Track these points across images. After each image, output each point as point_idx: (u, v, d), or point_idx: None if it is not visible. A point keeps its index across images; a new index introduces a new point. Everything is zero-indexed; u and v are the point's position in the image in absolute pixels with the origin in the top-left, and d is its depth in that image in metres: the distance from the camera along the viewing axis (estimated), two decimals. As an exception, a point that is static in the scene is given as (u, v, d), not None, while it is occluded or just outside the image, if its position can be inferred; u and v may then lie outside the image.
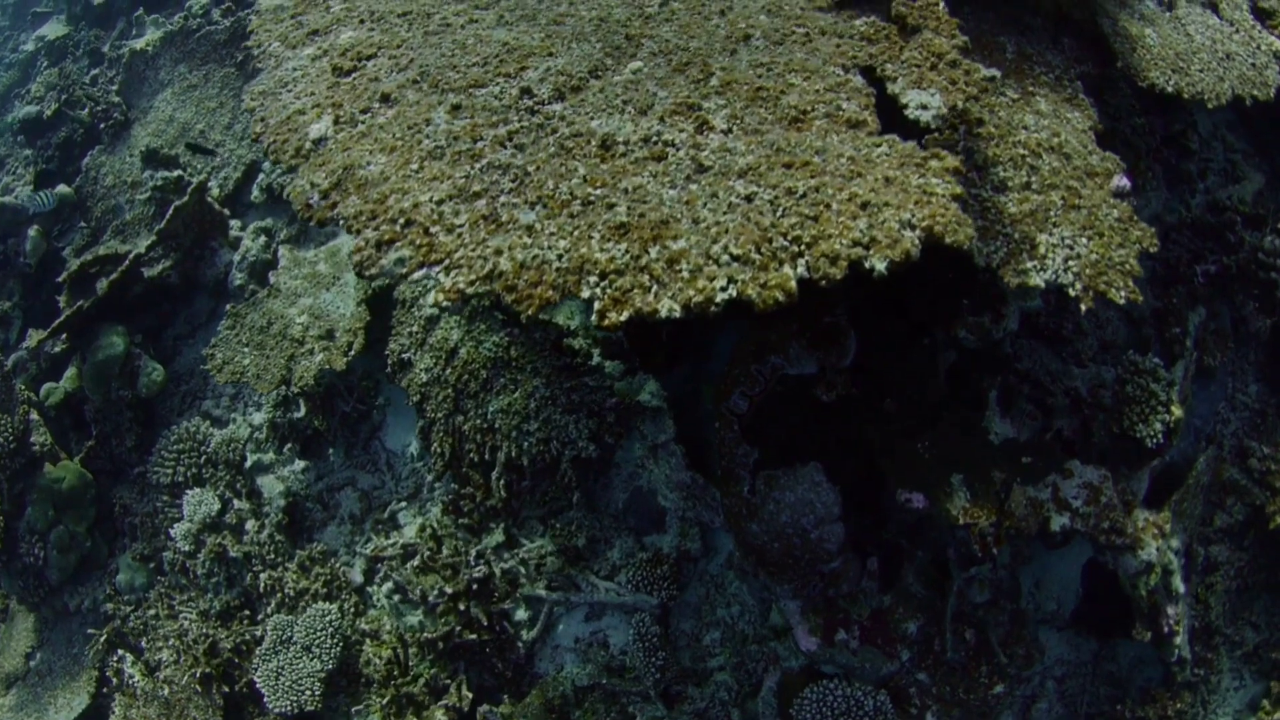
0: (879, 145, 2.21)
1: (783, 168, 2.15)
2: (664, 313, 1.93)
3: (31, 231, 5.69)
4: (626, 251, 2.06)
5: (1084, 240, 2.51)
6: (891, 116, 2.42)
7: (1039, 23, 3.13)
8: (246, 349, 4.70)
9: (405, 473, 4.78)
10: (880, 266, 1.94)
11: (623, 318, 1.94)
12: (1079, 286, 2.43)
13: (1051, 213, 2.53)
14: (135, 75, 6.23)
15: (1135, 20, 3.31)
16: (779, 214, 2.04)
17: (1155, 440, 3.26)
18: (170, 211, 5.15)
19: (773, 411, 3.16)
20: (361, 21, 3.10)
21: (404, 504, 4.71)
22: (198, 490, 5.02)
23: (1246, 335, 4.12)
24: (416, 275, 2.17)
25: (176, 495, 5.09)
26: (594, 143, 2.32)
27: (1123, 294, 2.44)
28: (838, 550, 3.25)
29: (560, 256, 2.08)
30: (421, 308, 4.52)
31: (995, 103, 2.74)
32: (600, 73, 2.60)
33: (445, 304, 2.12)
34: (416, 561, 4.42)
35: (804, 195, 2.07)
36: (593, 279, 2.03)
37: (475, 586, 4.19)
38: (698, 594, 4.06)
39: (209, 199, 5.33)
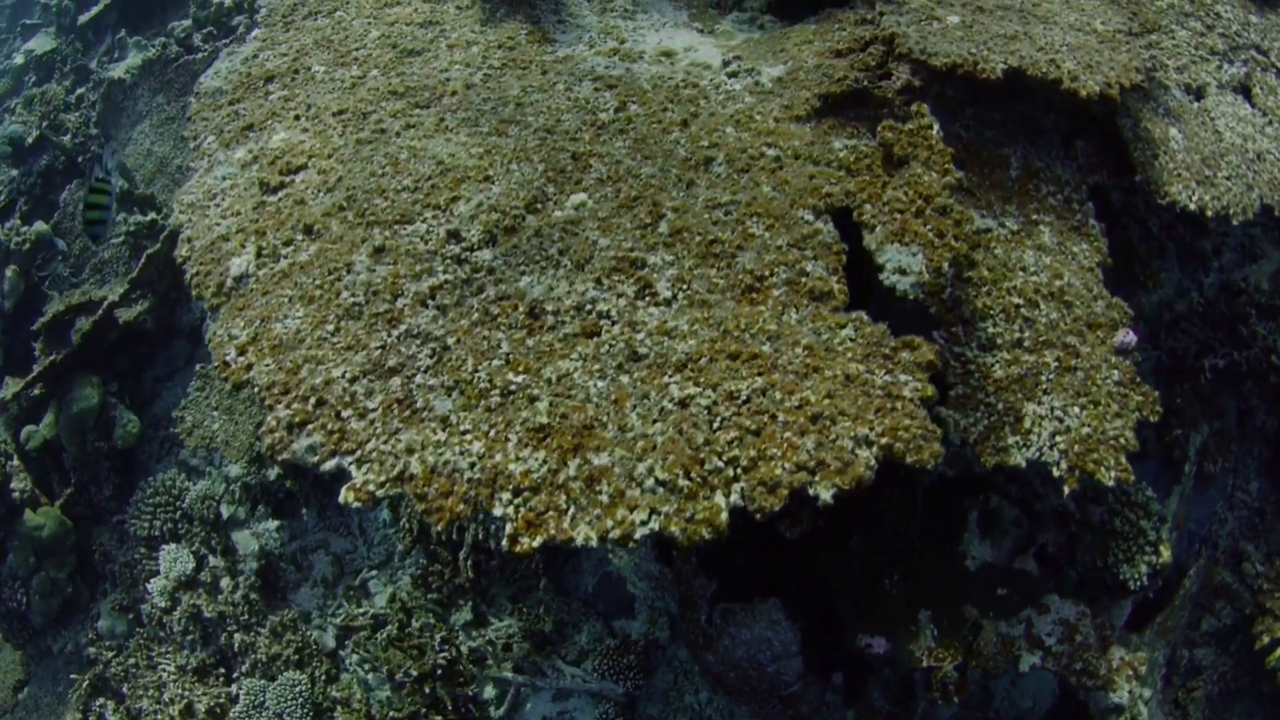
0: (843, 327, 1.94)
1: (727, 359, 1.90)
2: (580, 541, 1.72)
3: (9, 271, 5.59)
4: (544, 463, 1.84)
5: (1076, 410, 2.23)
6: (867, 261, 2.15)
7: (1051, 121, 2.79)
8: (216, 413, 4.58)
9: (377, 539, 4.68)
10: (826, 495, 1.71)
11: (535, 543, 1.74)
12: (1064, 466, 2.17)
13: (1043, 377, 2.25)
14: (113, 106, 6.04)
15: (1160, 117, 2.95)
16: (715, 426, 1.81)
17: (1139, 583, 3.01)
18: (143, 259, 5.00)
19: (733, 543, 2.95)
20: (297, 118, 2.86)
21: (375, 572, 4.61)
22: (173, 546, 4.96)
23: (1251, 429, 3.83)
24: (328, 465, 1.98)
25: (153, 548, 5.05)
26: (521, 308, 2.08)
27: (1112, 474, 2.17)
28: (796, 679, 3.07)
29: (473, 465, 1.87)
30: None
31: (992, 237, 2.44)
32: (540, 205, 2.34)
33: (356, 504, 1.93)
34: (385, 634, 4.34)
35: (747, 400, 1.83)
36: (506, 495, 1.82)
37: (440, 671, 4.09)
38: (666, 680, 3.96)
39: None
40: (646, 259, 2.13)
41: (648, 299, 2.06)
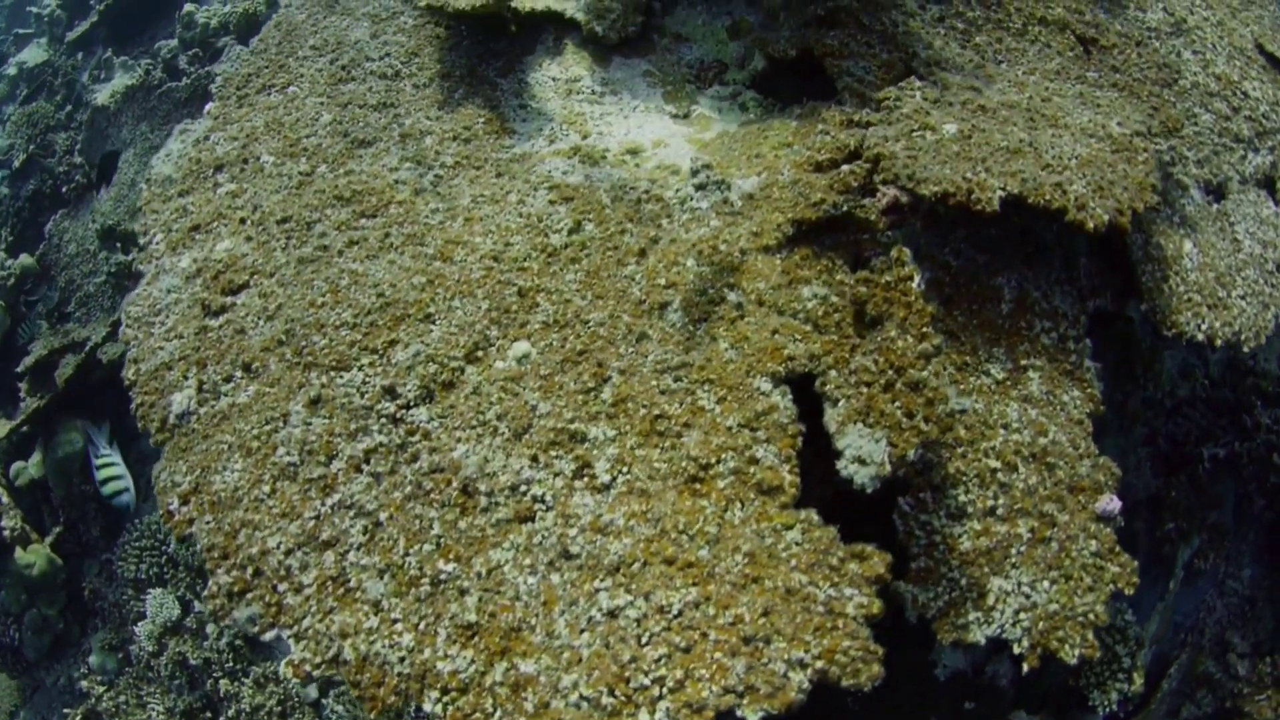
0: (790, 528, 1.81)
1: (662, 563, 1.78)
2: (500, 761, 1.65)
3: (-5, 305, 5.56)
4: (472, 663, 1.76)
5: (1046, 585, 2.09)
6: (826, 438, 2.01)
7: (1053, 236, 2.57)
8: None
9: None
10: (753, 719, 1.60)
11: (456, 758, 1.67)
12: (1026, 644, 2.04)
13: (1014, 549, 2.11)
14: (98, 133, 5.92)
15: (1174, 229, 2.72)
16: (644, 642, 1.70)
17: (1108, 709, 2.89)
18: (124, 301, 4.93)
19: None
20: (243, 221, 2.74)
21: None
22: (159, 591, 5.00)
23: (1247, 514, 3.67)
24: (268, 636, 1.93)
25: (141, 590, 5.09)
26: (455, 484, 1.97)
27: (1076, 651, 2.04)
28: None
29: (403, 659, 1.81)
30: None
31: (975, 385, 2.27)
32: (481, 353, 2.21)
33: (296, 681, 1.89)
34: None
35: (679, 614, 1.71)
36: (435, 693, 1.76)
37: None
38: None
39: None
40: (587, 431, 2.00)
41: (585, 480, 1.93)
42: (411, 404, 2.14)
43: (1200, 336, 2.53)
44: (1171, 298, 2.57)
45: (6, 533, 5.21)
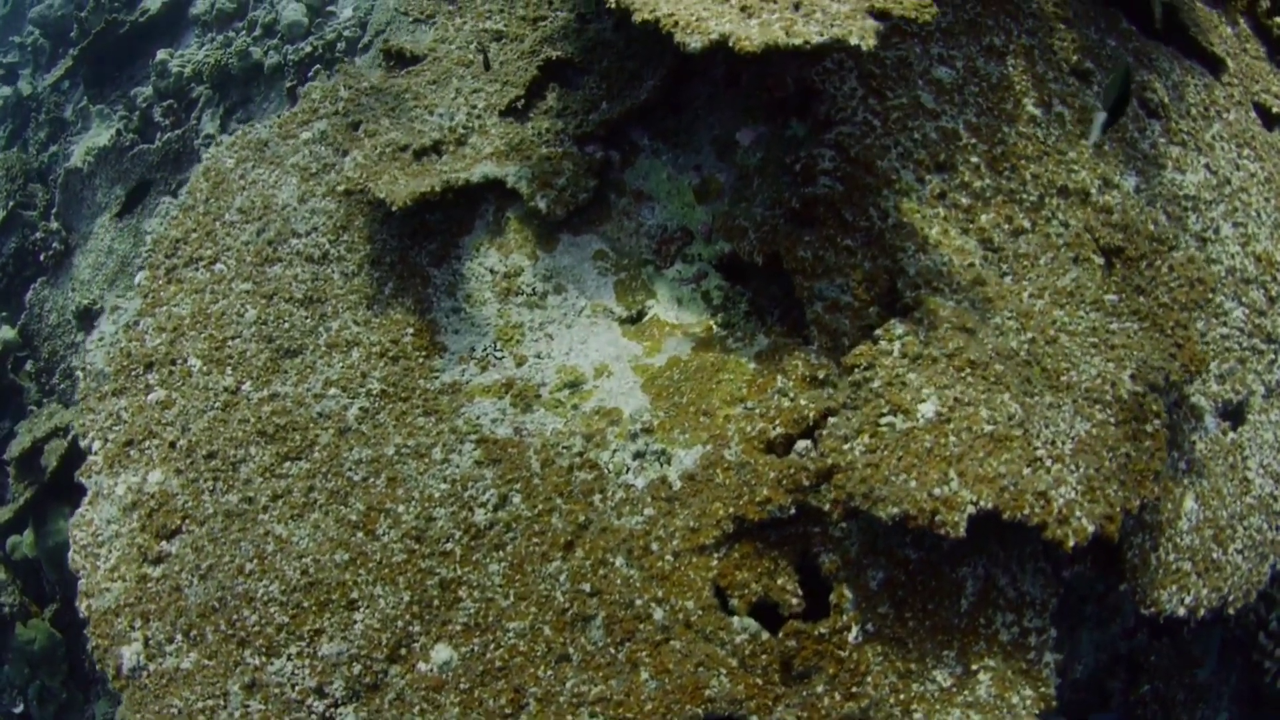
0: None
1: None
2: None
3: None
4: None
5: None
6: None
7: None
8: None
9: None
10: None
11: None
12: None
13: None
14: (73, 196, 5.75)
15: (1179, 477, 2.37)
16: None
17: None
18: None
19: None
20: (172, 445, 2.61)
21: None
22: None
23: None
24: None
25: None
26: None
27: None
28: None
29: None
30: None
31: (916, 693, 2.02)
32: (404, 651, 2.11)
33: None
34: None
35: None
36: None
37: None
38: None
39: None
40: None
41: None
42: (339, 702, 2.08)
43: (1182, 611, 2.24)
44: (1158, 570, 2.27)
45: (6, 609, 5.34)
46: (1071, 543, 1.96)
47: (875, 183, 2.57)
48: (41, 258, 5.69)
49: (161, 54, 6.04)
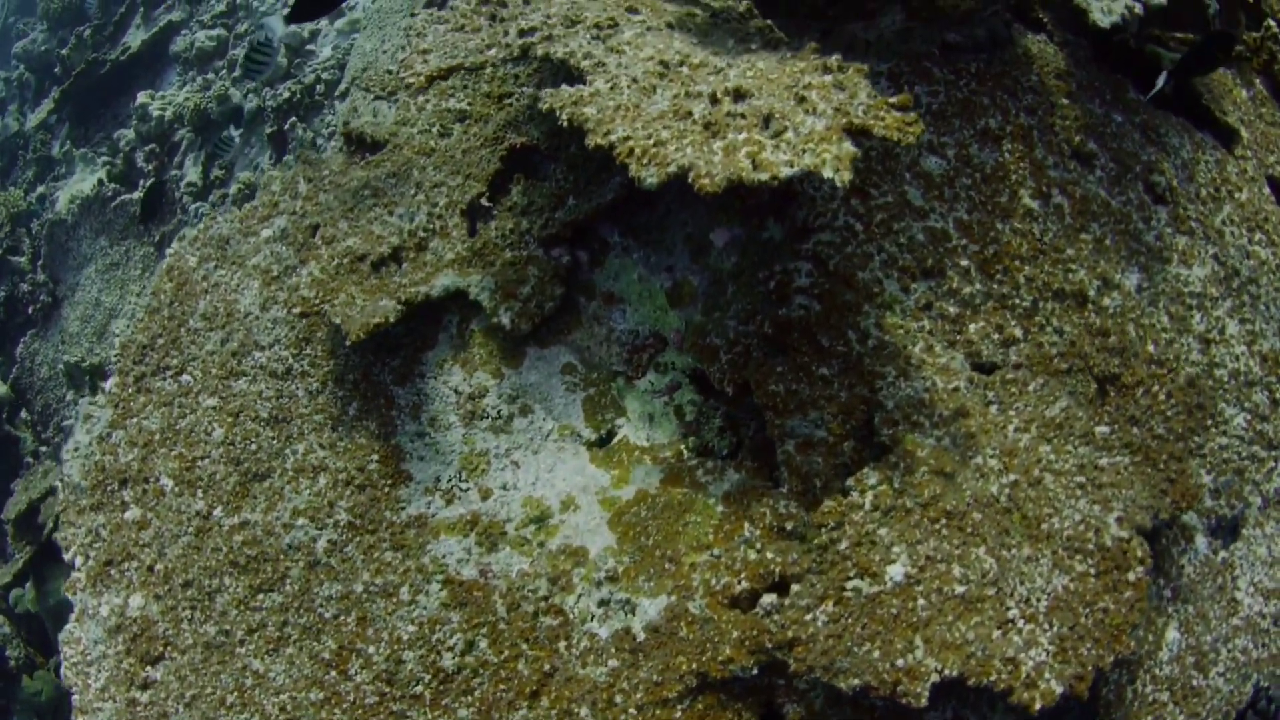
0: None
1: None
2: None
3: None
4: None
5: None
6: None
7: None
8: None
9: None
10: None
11: None
12: None
13: None
14: (58, 247, 5.73)
15: (1162, 606, 2.31)
16: None
17: None
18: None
19: None
20: (150, 569, 2.63)
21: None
22: None
23: None
24: None
25: None
26: None
27: None
28: None
29: None
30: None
31: None
32: None
33: None
34: None
35: None
36: None
37: None
38: None
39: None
40: None
41: None
42: None
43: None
44: (1133, 704, 2.22)
45: (12, 661, 5.44)
46: (1038, 706, 1.92)
47: (855, 299, 2.48)
48: (30, 310, 5.69)
49: (142, 97, 5.97)
